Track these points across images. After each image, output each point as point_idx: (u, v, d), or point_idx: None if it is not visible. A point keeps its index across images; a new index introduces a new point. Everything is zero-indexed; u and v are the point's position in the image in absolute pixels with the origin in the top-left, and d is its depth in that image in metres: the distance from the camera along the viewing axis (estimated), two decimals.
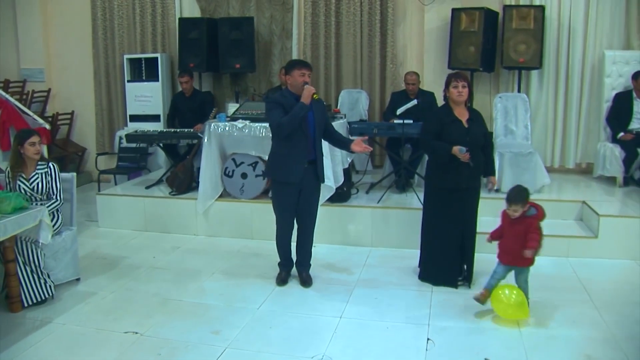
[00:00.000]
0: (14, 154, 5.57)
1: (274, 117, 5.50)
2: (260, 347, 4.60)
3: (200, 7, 10.00)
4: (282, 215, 5.84)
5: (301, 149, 5.60)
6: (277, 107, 5.52)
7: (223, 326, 4.99)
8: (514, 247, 4.99)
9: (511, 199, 4.96)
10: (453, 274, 5.76)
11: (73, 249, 5.97)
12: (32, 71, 11.13)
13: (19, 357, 4.52)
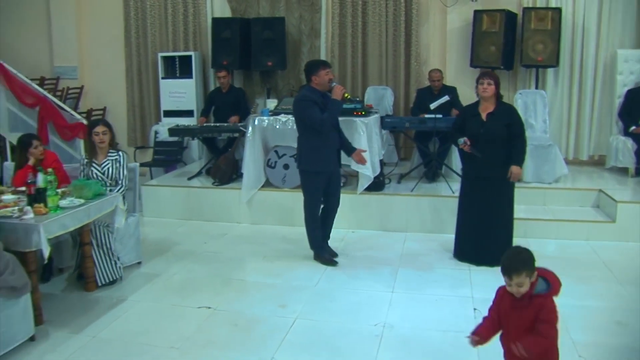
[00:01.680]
0: (88, 144, 6.08)
1: (315, 114, 6.08)
2: (326, 318, 5.13)
3: (231, 8, 10.49)
4: (316, 202, 6.48)
5: (333, 140, 6.30)
6: (313, 105, 6.11)
7: (287, 301, 5.52)
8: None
9: (511, 269, 3.22)
10: (488, 255, 6.23)
11: (136, 234, 6.49)
12: (66, 69, 11.61)
13: (105, 330, 5.03)
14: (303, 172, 6.45)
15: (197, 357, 4.54)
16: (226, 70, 9.18)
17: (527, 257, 3.26)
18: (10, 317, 4.58)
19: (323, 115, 6.06)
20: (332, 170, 6.37)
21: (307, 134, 6.29)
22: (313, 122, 6.12)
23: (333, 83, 6.18)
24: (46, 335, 4.93)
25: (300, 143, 6.42)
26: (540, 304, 3.25)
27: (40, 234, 4.74)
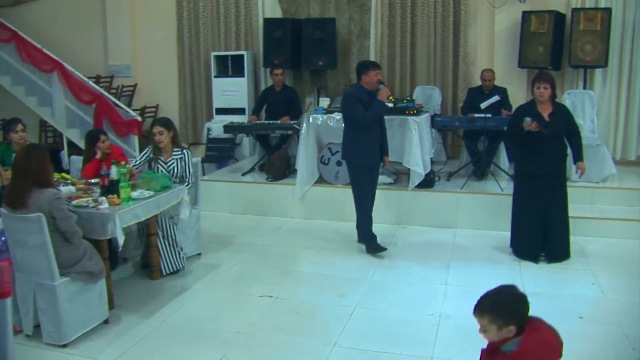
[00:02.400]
0: (152, 143, 6.34)
1: (358, 111, 6.46)
2: (385, 307, 5.34)
3: (282, 9, 10.73)
4: (365, 194, 6.80)
5: (375, 137, 6.66)
6: (357, 102, 6.47)
7: (345, 291, 5.73)
8: None
9: (476, 307, 2.83)
10: (535, 250, 6.43)
11: (197, 226, 6.75)
12: (120, 67, 11.99)
13: (173, 316, 5.31)
14: (349, 164, 6.83)
15: (263, 341, 4.78)
16: (282, 69, 9.40)
17: (501, 302, 2.74)
18: (87, 300, 4.87)
19: (366, 113, 6.42)
20: (373, 164, 6.75)
21: (351, 128, 6.66)
22: (356, 118, 6.50)
23: (381, 85, 6.53)
24: (118, 319, 5.21)
25: (345, 136, 6.79)
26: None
27: (116, 223, 5.01)
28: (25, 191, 4.60)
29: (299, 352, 4.60)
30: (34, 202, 4.58)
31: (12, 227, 4.70)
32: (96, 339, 4.86)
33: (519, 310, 2.69)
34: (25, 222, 4.56)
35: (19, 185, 4.66)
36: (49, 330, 4.72)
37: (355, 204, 6.86)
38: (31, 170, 4.64)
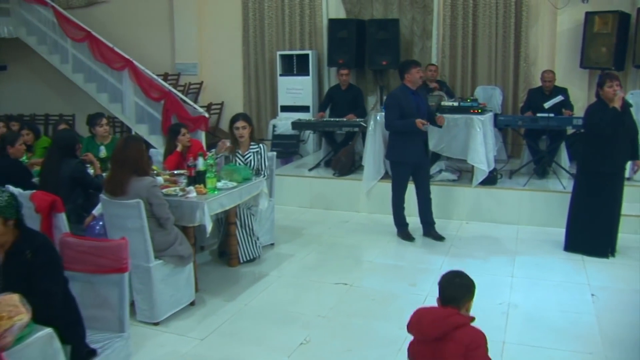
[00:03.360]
0: (231, 137, 6.67)
1: (389, 116, 7.03)
2: None
3: (346, 9, 11.00)
4: (402, 189, 7.28)
5: (419, 134, 6.97)
6: (394, 107, 6.96)
7: (416, 281, 6.00)
8: None
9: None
10: (603, 246, 6.61)
11: (271, 217, 7.07)
12: (187, 65, 12.41)
13: (255, 299, 5.65)
14: (392, 163, 7.35)
15: (343, 324, 5.08)
16: (348, 69, 9.67)
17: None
18: (177, 283, 5.22)
19: (395, 122, 6.95)
20: (417, 161, 7.08)
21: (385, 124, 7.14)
22: (385, 121, 7.13)
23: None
24: (203, 301, 5.55)
25: (390, 136, 7.27)
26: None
27: (205, 211, 5.36)
28: (124, 179, 4.97)
29: (377, 335, 4.88)
30: (133, 189, 4.94)
31: (112, 212, 5.07)
32: (185, 319, 5.21)
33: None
34: (124, 208, 4.92)
35: (118, 173, 5.03)
36: (143, 308, 5.08)
37: (392, 195, 7.35)
38: (129, 159, 5.01)
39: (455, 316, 3.03)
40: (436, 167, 8.44)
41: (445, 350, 2.95)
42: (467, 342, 2.95)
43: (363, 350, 4.64)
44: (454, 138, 7.99)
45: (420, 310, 3.16)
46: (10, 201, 3.22)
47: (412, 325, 3.12)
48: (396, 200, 7.31)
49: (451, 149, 8.09)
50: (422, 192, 7.29)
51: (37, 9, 12.83)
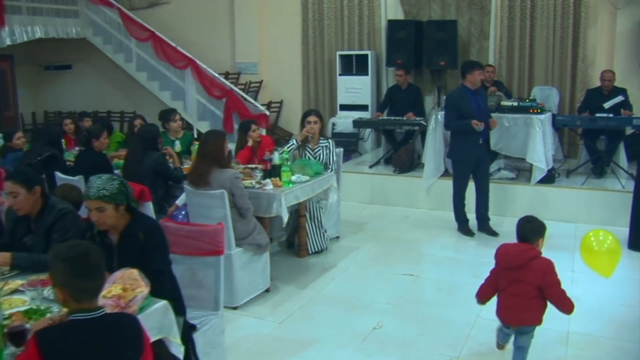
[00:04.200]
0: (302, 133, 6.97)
1: (448, 117, 7.29)
2: None
3: (404, 10, 11.23)
4: (464, 187, 7.49)
5: (479, 133, 7.14)
6: (452, 108, 7.22)
7: (480, 273, 6.10)
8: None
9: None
10: None
11: (337, 211, 7.35)
12: (247, 65, 12.77)
13: (327, 288, 5.96)
14: (453, 161, 7.58)
15: (413, 311, 5.35)
16: (403, 70, 9.88)
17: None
18: (254, 270, 5.52)
19: (453, 122, 7.21)
20: (478, 159, 7.29)
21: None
22: (444, 122, 7.39)
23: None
24: (277, 288, 5.86)
25: (451, 135, 7.53)
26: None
27: (282, 202, 5.67)
28: (207, 171, 5.30)
29: (446, 322, 5.14)
30: (216, 180, 5.27)
31: (196, 202, 5.40)
32: (261, 304, 5.53)
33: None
34: (208, 198, 5.25)
35: (201, 165, 5.36)
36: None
37: (453, 192, 7.56)
38: (211, 152, 5.34)
39: (531, 250, 3.97)
40: (495, 165, 8.61)
41: (526, 275, 3.92)
42: (542, 269, 3.93)
43: (434, 335, 4.90)
44: (513, 137, 8.17)
45: (504, 245, 4.15)
46: (121, 188, 3.53)
47: (499, 256, 4.11)
48: (457, 197, 7.52)
49: (510, 148, 8.27)
50: (480, 189, 7.52)
51: (103, 10, 13.37)
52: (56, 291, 2.48)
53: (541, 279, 3.92)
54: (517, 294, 3.99)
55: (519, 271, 3.95)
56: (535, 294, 3.96)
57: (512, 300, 4.01)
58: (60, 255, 2.49)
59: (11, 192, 3.84)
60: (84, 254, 2.50)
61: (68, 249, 2.51)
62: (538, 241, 4.04)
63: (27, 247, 3.94)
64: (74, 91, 15.45)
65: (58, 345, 2.34)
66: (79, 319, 2.42)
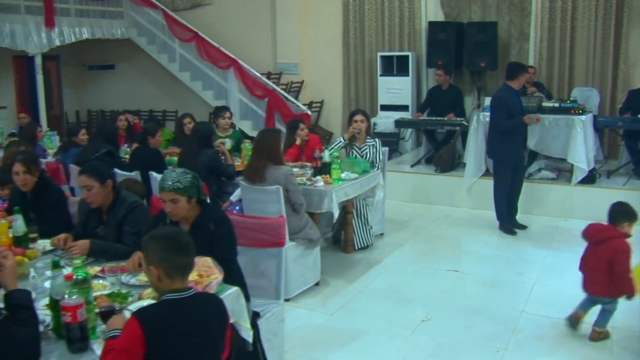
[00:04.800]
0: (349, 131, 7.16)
1: (498, 117, 7.39)
2: (561, 285, 5.91)
3: (444, 12, 11.37)
4: (506, 185, 7.60)
5: (520, 133, 7.44)
6: (503, 108, 7.33)
7: (522, 270, 6.38)
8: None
9: None
10: None
11: (382, 209, 7.54)
12: (288, 65, 13.01)
13: (374, 282, 6.17)
14: (495, 161, 7.71)
15: (459, 305, 5.53)
16: (443, 71, 10.02)
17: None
18: (306, 263, 5.74)
19: (502, 122, 7.30)
20: (518, 158, 7.52)
21: (497, 127, 7.47)
22: (494, 121, 7.47)
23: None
24: (326, 282, 6.07)
25: (491, 133, 7.71)
26: None
27: (333, 198, 5.87)
28: (263, 167, 5.52)
29: (492, 315, 5.30)
30: (271, 177, 5.49)
31: (251, 197, 5.63)
32: (312, 297, 5.74)
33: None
34: (264, 193, 5.48)
35: (257, 162, 5.59)
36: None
37: (494, 191, 7.70)
38: (267, 149, 5.56)
39: (611, 230, 4.59)
40: (535, 165, 8.72)
41: (602, 251, 4.55)
42: (614, 248, 4.47)
43: (480, 328, 5.06)
44: (554, 138, 8.27)
45: (592, 224, 4.75)
46: (193, 181, 3.76)
47: (586, 232, 4.74)
48: (499, 195, 7.63)
49: (552, 149, 8.37)
50: (515, 186, 7.67)
51: (147, 12, 13.70)
52: (151, 270, 2.71)
53: (612, 255, 4.46)
54: (594, 267, 4.64)
55: (598, 246, 4.62)
56: (607, 269, 4.52)
57: (591, 273, 4.68)
58: (156, 234, 2.77)
59: (85, 185, 4.10)
60: (177, 233, 2.79)
61: (162, 230, 2.79)
62: (623, 224, 4.57)
63: (99, 237, 4.18)
64: (117, 90, 15.83)
65: (156, 321, 2.56)
66: (172, 299, 2.66)
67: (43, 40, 12.28)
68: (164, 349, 2.53)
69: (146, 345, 2.49)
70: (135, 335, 2.49)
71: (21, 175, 4.73)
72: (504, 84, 7.51)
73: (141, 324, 2.51)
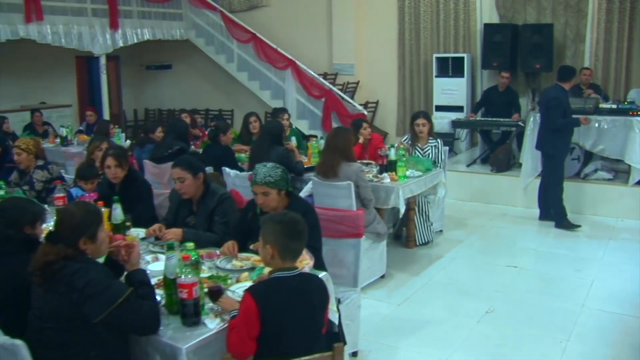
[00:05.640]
0: (411, 132, 7.40)
1: (555, 115, 7.61)
2: (620, 282, 6.11)
3: (499, 14, 11.50)
4: (561, 181, 7.88)
5: (572, 132, 7.86)
6: (558, 107, 7.59)
7: (581, 267, 6.55)
8: None
9: None
10: None
11: (442, 206, 7.76)
12: (343, 66, 13.25)
13: (438, 275, 6.43)
14: (548, 156, 7.91)
15: (521, 298, 5.76)
16: (510, 73, 10.19)
17: None
18: (373, 257, 6.00)
19: (560, 120, 7.58)
20: (566, 155, 7.97)
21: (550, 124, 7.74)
22: (554, 122, 7.65)
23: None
24: (391, 275, 6.34)
25: (544, 130, 7.87)
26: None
27: (399, 194, 6.14)
28: (336, 164, 5.81)
29: (553, 309, 5.50)
30: (343, 173, 5.78)
31: (322, 192, 5.92)
32: (379, 288, 6.02)
33: None
34: (335, 188, 5.77)
35: (330, 158, 5.88)
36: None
37: (552, 189, 7.93)
38: (340, 147, 5.85)
39: None
40: (592, 166, 8.83)
41: None
42: None
43: (543, 321, 5.27)
44: (612, 139, 8.39)
45: None
46: (283, 175, 4.08)
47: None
48: (557, 192, 7.84)
49: (609, 150, 8.46)
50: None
51: (206, 13, 14.08)
52: (267, 248, 3.01)
53: None
54: None
55: None
56: None
57: None
58: (275, 218, 3.10)
59: (179, 177, 4.43)
60: (294, 220, 3.09)
61: (282, 215, 3.13)
62: None
63: (189, 226, 4.51)
64: (173, 90, 16.30)
65: (267, 295, 2.89)
66: (281, 276, 2.98)
67: (107, 41, 12.76)
68: (274, 321, 2.86)
69: (260, 317, 2.82)
70: (251, 308, 2.83)
71: (113, 168, 5.09)
72: (556, 85, 7.79)
73: (255, 298, 2.84)
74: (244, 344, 2.86)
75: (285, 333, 2.88)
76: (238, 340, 2.86)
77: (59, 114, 14.00)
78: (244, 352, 2.87)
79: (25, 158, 6.20)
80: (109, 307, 2.81)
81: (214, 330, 3.01)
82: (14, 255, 3.23)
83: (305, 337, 2.95)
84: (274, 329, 2.86)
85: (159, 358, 2.98)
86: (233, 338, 2.88)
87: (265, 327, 2.84)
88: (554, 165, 7.87)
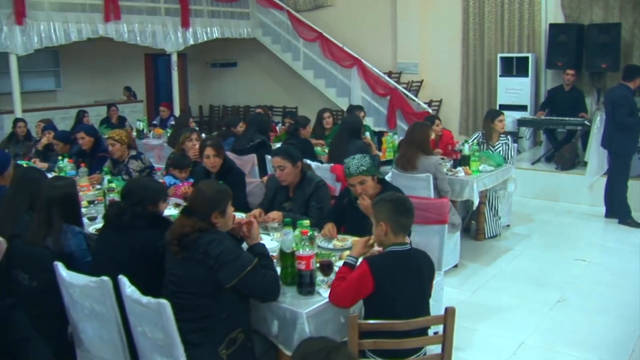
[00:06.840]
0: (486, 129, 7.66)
1: (622, 114, 7.74)
2: None
3: (565, 14, 11.62)
4: (627, 179, 8.05)
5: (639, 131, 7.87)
6: (626, 106, 7.74)
7: None
8: None
9: None
10: None
11: (510, 201, 8.00)
12: (408, 64, 13.51)
13: (508, 266, 6.72)
14: (615, 155, 8.07)
15: (591, 290, 6.02)
16: (575, 71, 10.35)
17: None
18: (447, 246, 6.19)
19: (629, 119, 7.71)
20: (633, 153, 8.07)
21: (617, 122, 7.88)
22: (621, 121, 7.76)
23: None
24: (464, 265, 6.63)
25: (611, 128, 8.01)
26: None
27: (474, 187, 6.42)
28: (415, 157, 6.14)
29: (624, 300, 5.72)
30: (422, 165, 6.11)
31: (402, 184, 6.10)
32: (453, 276, 6.29)
33: None
34: (415, 180, 6.12)
35: (409, 152, 6.22)
36: None
37: (618, 189, 8.06)
38: (418, 140, 6.17)
39: None
40: None
41: None
42: None
43: (615, 311, 5.50)
44: None
45: None
46: (372, 162, 4.43)
47: None
48: (623, 189, 8.01)
49: None
50: None
51: (273, 13, 14.50)
52: (381, 225, 3.36)
53: None
54: None
55: None
56: None
57: None
58: (385, 198, 3.47)
59: (279, 165, 4.81)
60: (403, 199, 3.49)
61: (391, 194, 3.52)
62: None
63: (286, 211, 4.88)
64: (238, 87, 16.79)
65: (381, 266, 3.27)
66: (394, 250, 3.34)
67: (179, 39, 13.29)
68: (387, 288, 3.22)
69: (374, 284, 3.17)
70: (366, 275, 3.21)
71: (211, 158, 5.50)
72: (620, 84, 8.00)
73: (370, 267, 3.21)
74: (346, 296, 3.25)
75: (399, 299, 3.24)
76: (342, 290, 3.25)
77: (132, 109, 14.63)
78: (344, 301, 3.27)
79: (119, 148, 6.64)
80: (240, 274, 3.20)
81: (327, 299, 3.35)
82: (144, 230, 3.65)
83: (414, 304, 3.31)
84: (388, 295, 3.22)
85: (277, 323, 3.35)
86: (340, 286, 3.27)
87: (380, 293, 3.21)
88: (621, 164, 8.04)
